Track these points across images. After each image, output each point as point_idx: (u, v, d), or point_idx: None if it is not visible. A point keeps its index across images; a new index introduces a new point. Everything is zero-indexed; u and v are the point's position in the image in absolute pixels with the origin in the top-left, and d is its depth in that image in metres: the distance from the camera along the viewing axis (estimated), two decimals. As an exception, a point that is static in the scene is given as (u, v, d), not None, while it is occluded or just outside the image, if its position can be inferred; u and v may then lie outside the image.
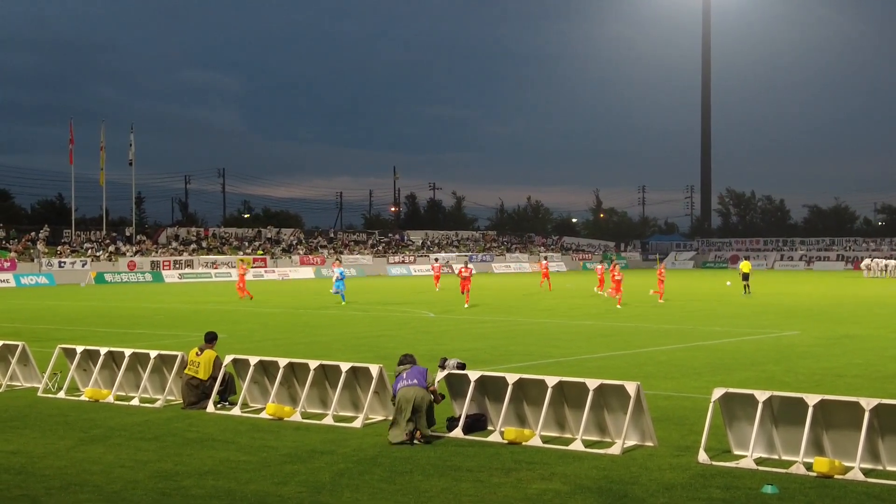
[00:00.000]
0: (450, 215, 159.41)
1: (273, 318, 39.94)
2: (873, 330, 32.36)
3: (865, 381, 20.50)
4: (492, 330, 33.06)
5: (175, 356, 17.96)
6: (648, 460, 13.03)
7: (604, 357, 25.11)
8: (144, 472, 12.48)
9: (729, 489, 11.54)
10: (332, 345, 28.27)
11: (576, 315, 39.81)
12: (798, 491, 11.42)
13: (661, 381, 20.43)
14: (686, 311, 41.97)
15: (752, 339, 29.60)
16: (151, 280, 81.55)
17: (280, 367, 16.76)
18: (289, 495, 11.36)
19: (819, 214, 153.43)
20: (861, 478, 11.92)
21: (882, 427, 12.37)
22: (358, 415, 15.84)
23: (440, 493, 11.41)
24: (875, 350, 26.32)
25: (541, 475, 12.26)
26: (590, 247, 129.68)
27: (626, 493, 11.38)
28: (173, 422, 16.07)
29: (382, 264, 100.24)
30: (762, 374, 21.50)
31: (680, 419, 15.87)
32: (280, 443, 14.32)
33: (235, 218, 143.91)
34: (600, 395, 14.05)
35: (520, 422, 14.79)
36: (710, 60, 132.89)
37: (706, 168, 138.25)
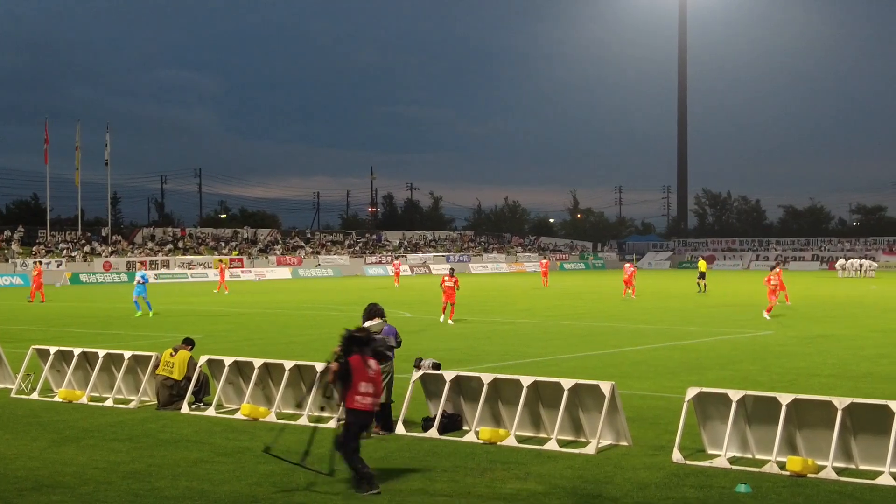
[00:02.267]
0: (427, 215, 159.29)
1: (249, 318, 39.83)
2: (847, 329, 32.53)
3: (839, 380, 20.61)
4: (468, 330, 33.05)
5: (149, 357, 17.87)
6: (623, 460, 13.05)
7: (579, 357, 25.14)
8: (118, 474, 12.42)
9: (703, 488, 11.58)
10: (309, 345, 28.19)
11: (552, 315, 39.86)
12: (771, 490, 11.48)
13: (636, 380, 20.48)
14: (662, 311, 42.09)
15: (727, 339, 29.71)
16: (127, 280, 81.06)
17: (255, 368, 16.71)
18: (263, 496, 11.33)
19: (794, 215, 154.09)
20: (834, 476, 11.98)
21: (855, 426, 12.43)
22: (332, 415, 15.80)
23: (415, 493, 11.40)
24: (849, 349, 26.45)
25: (516, 475, 12.27)
26: (567, 247, 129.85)
27: (600, 493, 11.40)
28: (147, 422, 16.00)
29: (359, 264, 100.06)
30: (737, 374, 21.58)
31: (654, 419, 15.91)
32: (255, 443, 14.26)
33: (212, 218, 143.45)
34: (575, 395, 14.06)
35: (495, 422, 14.79)
36: (686, 62, 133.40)
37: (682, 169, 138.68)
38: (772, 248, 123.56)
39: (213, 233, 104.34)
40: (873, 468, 12.20)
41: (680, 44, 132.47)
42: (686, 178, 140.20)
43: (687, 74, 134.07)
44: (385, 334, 14.76)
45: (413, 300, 51.96)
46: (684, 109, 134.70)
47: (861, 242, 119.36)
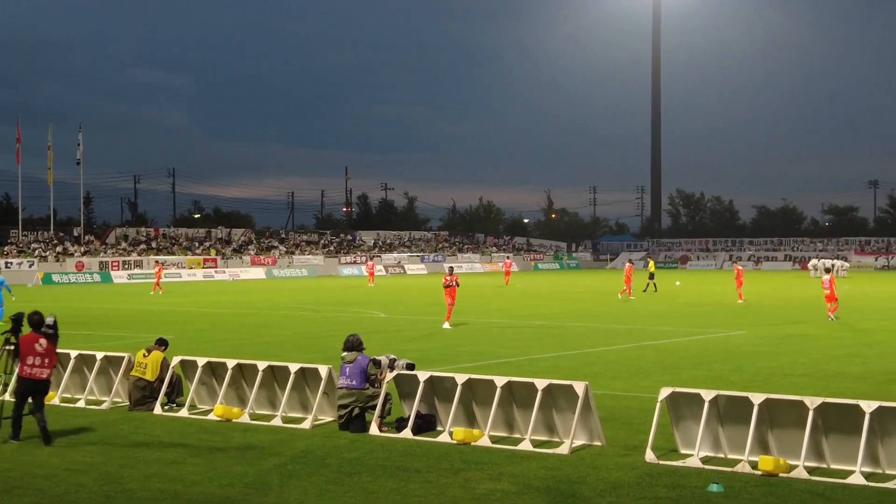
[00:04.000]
0: (402, 215, 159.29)
1: (223, 318, 39.70)
2: (819, 329, 32.71)
3: (811, 379, 20.72)
4: (442, 330, 33.03)
5: (122, 357, 17.78)
6: (596, 460, 13.08)
7: (553, 357, 25.18)
8: (90, 475, 12.34)
9: (675, 488, 11.61)
10: (283, 345, 28.14)
11: (527, 315, 39.91)
12: (743, 489, 11.52)
13: (609, 380, 20.53)
14: (635, 311, 42.21)
15: (700, 339, 29.83)
16: (100, 281, 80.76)
17: (228, 369, 16.64)
18: (236, 497, 11.29)
19: (767, 215, 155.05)
20: (805, 476, 12.04)
21: (826, 426, 12.50)
22: (307, 416, 15.78)
23: (388, 493, 11.39)
24: (821, 349, 26.60)
25: (489, 475, 12.27)
26: (541, 247, 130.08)
27: (573, 493, 11.42)
28: (119, 424, 15.91)
29: (334, 265, 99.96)
30: (709, 374, 21.67)
31: (628, 419, 15.95)
32: (228, 444, 14.22)
33: (186, 218, 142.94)
34: (549, 396, 14.08)
35: (469, 422, 14.80)
36: (660, 62, 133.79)
37: (656, 169, 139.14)
38: (745, 248, 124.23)
39: (186, 233, 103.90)
40: (844, 467, 12.26)
41: (654, 44, 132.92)
42: (660, 178, 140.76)
43: (661, 74, 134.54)
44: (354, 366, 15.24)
45: (387, 300, 51.93)
46: (658, 109, 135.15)
47: (833, 242, 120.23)
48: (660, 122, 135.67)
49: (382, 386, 15.31)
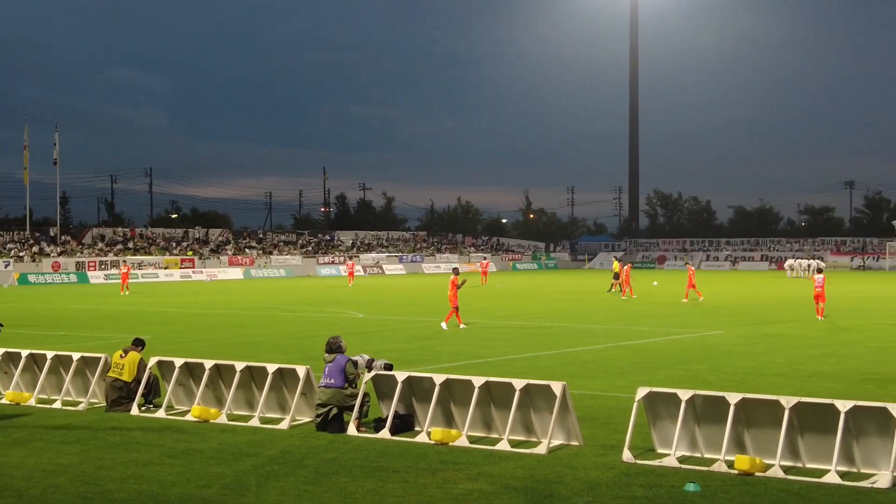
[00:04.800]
0: (380, 215, 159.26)
1: (201, 318, 39.59)
2: (795, 329, 32.89)
3: (787, 379, 20.84)
4: (421, 330, 33.05)
5: (98, 358, 17.71)
6: (574, 459, 13.11)
7: (531, 357, 25.23)
8: (66, 476, 12.29)
9: (652, 487, 11.66)
10: (260, 346, 28.09)
11: (504, 315, 39.97)
12: (720, 489, 11.58)
13: (587, 380, 20.58)
14: (613, 311, 42.31)
15: (677, 339, 29.94)
16: (76, 281, 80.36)
17: (206, 369, 16.61)
18: (213, 498, 11.27)
19: (744, 215, 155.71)
20: (781, 475, 12.11)
21: (801, 425, 12.58)
22: (284, 416, 15.76)
23: (366, 494, 11.39)
24: (796, 349, 26.75)
25: (467, 475, 12.29)
26: (519, 247, 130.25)
27: (551, 493, 11.45)
28: (96, 425, 15.85)
29: (312, 265, 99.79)
30: (686, 373, 21.76)
31: (605, 418, 16.00)
32: (205, 445, 14.19)
33: (163, 218, 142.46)
34: (527, 396, 14.11)
35: (447, 422, 14.81)
36: (637, 62, 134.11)
37: (634, 169, 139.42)
38: (722, 248, 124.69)
39: (163, 233, 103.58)
40: (820, 466, 12.34)
41: (631, 44, 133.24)
42: (637, 178, 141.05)
43: (638, 75, 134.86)
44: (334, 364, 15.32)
45: (366, 300, 51.90)
46: (636, 110, 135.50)
47: (809, 243, 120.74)
48: (637, 123, 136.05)
49: (360, 386, 15.36)
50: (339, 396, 15.13)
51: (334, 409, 15.09)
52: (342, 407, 15.14)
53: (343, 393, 15.17)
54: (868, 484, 11.72)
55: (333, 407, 15.10)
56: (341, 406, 15.13)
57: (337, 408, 15.11)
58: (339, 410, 15.12)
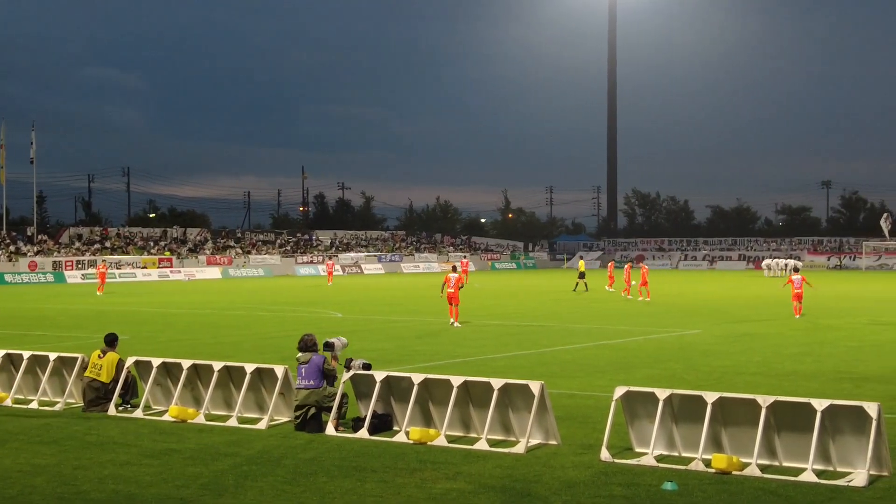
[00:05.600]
0: (359, 215, 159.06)
1: (178, 318, 39.47)
2: (772, 328, 33.05)
3: (763, 378, 20.93)
4: (399, 330, 33.06)
5: (75, 358, 17.62)
6: (552, 459, 13.14)
7: (510, 356, 25.25)
8: (43, 477, 12.24)
9: (630, 486, 11.69)
10: (238, 345, 28.03)
11: (483, 315, 39.99)
12: (697, 487, 11.62)
13: (565, 379, 20.63)
14: (591, 310, 42.41)
15: (655, 338, 30.04)
16: (53, 280, 79.93)
17: (184, 369, 16.55)
18: (190, 498, 11.23)
19: (721, 215, 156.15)
20: (758, 473, 12.16)
21: (778, 423, 12.64)
22: (263, 416, 15.73)
23: (345, 493, 11.38)
24: (773, 347, 26.88)
25: (445, 475, 12.30)
26: (498, 247, 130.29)
27: (529, 492, 11.46)
28: (73, 425, 15.78)
29: (291, 264, 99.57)
30: (664, 372, 21.83)
31: (583, 417, 16.03)
32: (183, 445, 14.15)
33: (140, 217, 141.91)
34: (505, 395, 14.12)
35: (425, 422, 14.81)
36: (615, 62, 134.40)
37: (612, 169, 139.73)
38: (700, 247, 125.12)
39: (141, 232, 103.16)
40: (796, 465, 12.41)
41: (610, 44, 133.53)
42: (616, 178, 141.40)
43: (616, 75, 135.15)
44: (310, 366, 15.29)
45: (345, 300, 51.86)
46: (614, 110, 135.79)
47: (786, 242, 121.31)
48: (615, 123, 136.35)
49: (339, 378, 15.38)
50: (317, 396, 15.12)
51: (312, 409, 15.08)
52: (320, 407, 15.13)
53: (321, 393, 15.16)
54: (844, 482, 11.79)
55: (311, 407, 15.09)
56: (319, 406, 15.12)
57: (315, 408, 15.10)
58: (318, 410, 15.12)
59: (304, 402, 15.08)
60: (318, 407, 15.10)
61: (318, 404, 15.09)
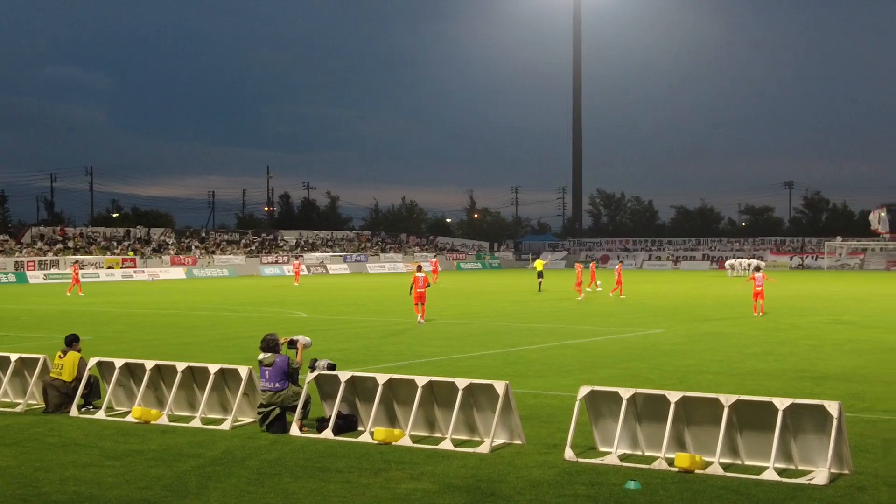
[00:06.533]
0: (324, 215, 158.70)
1: (142, 318, 39.21)
2: (734, 328, 33.25)
3: (726, 377, 21.06)
4: (364, 330, 33.01)
5: (37, 359, 17.47)
6: (516, 458, 13.15)
7: (475, 356, 25.27)
8: (4, 479, 12.13)
9: (594, 485, 11.72)
10: (203, 346, 27.89)
11: (448, 314, 40.00)
12: (660, 486, 11.67)
13: (530, 379, 20.66)
14: (557, 310, 42.52)
15: (619, 338, 30.15)
16: (15, 281, 79.24)
17: (147, 370, 16.46)
18: (153, 500, 11.16)
19: (686, 215, 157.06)
20: (720, 472, 12.23)
21: (740, 422, 12.71)
22: (226, 417, 15.66)
23: (309, 494, 11.35)
24: (736, 347, 27.05)
25: (410, 475, 12.29)
26: (463, 247, 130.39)
27: (493, 492, 11.47)
28: (34, 426, 15.64)
29: (255, 264, 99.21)
30: (627, 372, 21.91)
31: (548, 417, 16.06)
32: (146, 446, 14.06)
33: (104, 217, 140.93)
34: (469, 395, 14.13)
35: (390, 422, 14.80)
36: (580, 64, 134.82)
37: (577, 169, 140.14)
38: (664, 247, 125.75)
39: (104, 232, 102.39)
40: (758, 464, 12.49)
41: (575, 46, 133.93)
42: (581, 178, 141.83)
43: (581, 76, 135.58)
44: (274, 368, 15.23)
45: (310, 300, 51.74)
46: (579, 111, 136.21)
47: (749, 242, 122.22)
48: (581, 124, 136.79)
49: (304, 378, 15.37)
50: (281, 397, 15.07)
51: (277, 410, 15.04)
52: (285, 407, 15.09)
53: (285, 394, 15.11)
54: (805, 481, 11.88)
55: (276, 407, 15.04)
56: (284, 406, 15.08)
57: (279, 408, 15.06)
58: (282, 411, 15.07)
59: (268, 402, 15.04)
60: (282, 407, 15.07)
61: (282, 404, 15.06)
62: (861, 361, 23.74)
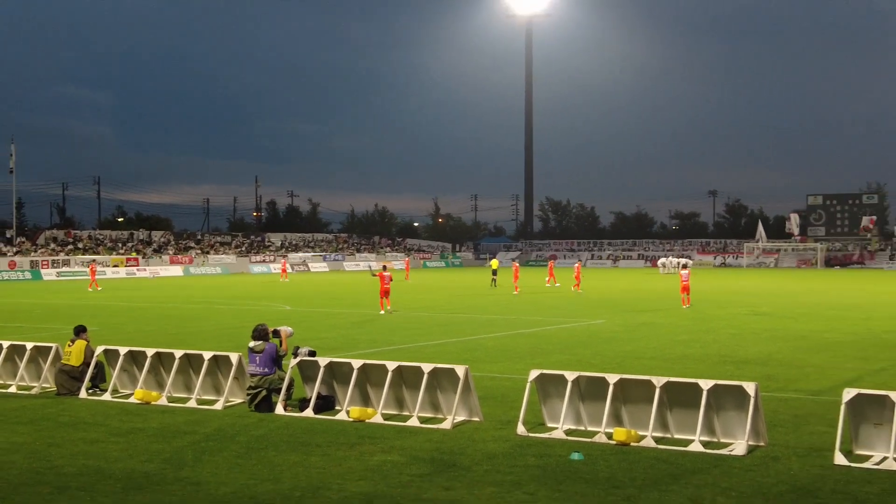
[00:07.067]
0: (306, 219, 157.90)
1: (144, 311, 38.89)
2: (666, 318, 33.42)
3: (658, 362, 21.17)
4: (341, 321, 32.91)
5: (50, 347, 17.32)
6: (474, 433, 13.17)
7: (439, 344, 25.25)
8: (20, 454, 12.01)
9: (542, 457, 11.76)
10: (198, 335, 27.70)
11: (416, 307, 39.96)
12: (600, 457, 11.73)
13: (487, 364, 20.67)
14: (511, 303, 42.55)
15: (566, 327, 30.23)
16: (31, 278, 78.34)
17: (148, 356, 16.35)
18: (154, 471, 11.10)
19: (623, 219, 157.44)
20: (653, 444, 12.31)
21: (670, 401, 12.80)
22: (219, 398, 15.58)
23: (292, 466, 11.32)
24: (667, 335, 27.19)
25: (381, 448, 12.28)
26: (429, 247, 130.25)
27: (454, 463, 11.48)
28: (47, 407, 15.50)
29: (245, 263, 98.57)
30: (573, 357, 21.96)
31: (503, 397, 16.08)
32: (147, 424, 13.97)
33: (110, 221, 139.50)
34: (434, 378, 14.13)
35: (364, 402, 14.77)
36: (532, 87, 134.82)
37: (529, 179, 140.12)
38: (604, 248, 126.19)
39: (110, 234, 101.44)
40: (686, 437, 12.57)
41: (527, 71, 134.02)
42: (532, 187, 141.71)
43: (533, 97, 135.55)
44: (264, 355, 15.13)
45: (294, 295, 51.51)
46: (530, 127, 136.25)
47: (679, 243, 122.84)
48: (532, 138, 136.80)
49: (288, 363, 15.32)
50: (269, 381, 15.02)
51: (263, 392, 14.98)
52: (271, 389, 15.03)
53: (272, 377, 15.05)
54: (727, 452, 11.98)
55: (263, 389, 14.98)
56: (270, 388, 15.03)
57: (266, 390, 15.00)
58: (268, 392, 15.02)
59: (257, 384, 14.99)
60: (268, 390, 15.02)
61: (268, 387, 15.00)
62: (775, 347, 23.94)
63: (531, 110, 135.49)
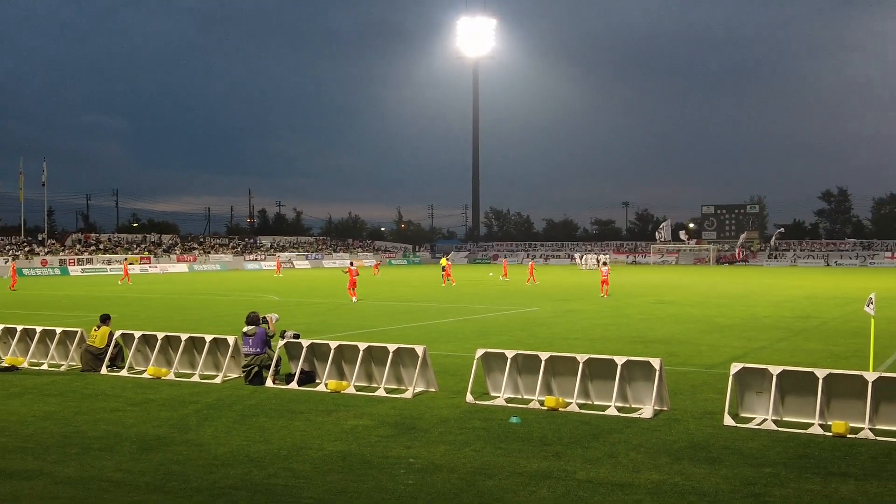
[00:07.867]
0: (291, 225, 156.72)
1: (154, 301, 38.39)
2: (587, 306, 33.63)
3: (582, 342, 21.29)
4: (320, 309, 32.72)
5: (76, 332, 17.06)
6: (431, 401, 13.17)
7: (402, 328, 25.22)
8: (51, 420, 11.83)
9: (487, 420, 11.80)
10: (200, 321, 27.40)
11: (383, 297, 39.85)
12: (534, 420, 11.79)
13: (442, 344, 20.68)
14: (461, 294, 42.59)
15: (506, 314, 30.30)
16: (59, 273, 77.01)
17: (158, 339, 16.15)
18: (163, 434, 10.98)
19: (553, 226, 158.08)
20: (577, 410, 12.39)
21: (591, 374, 12.89)
22: (218, 374, 15.43)
23: (279, 429, 11.25)
24: (589, 319, 27.37)
25: (354, 414, 12.24)
26: (394, 248, 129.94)
27: (414, 426, 11.48)
28: (74, 382, 15.26)
29: (240, 261, 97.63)
30: (512, 338, 22.03)
31: (455, 371, 16.09)
32: (158, 395, 13.80)
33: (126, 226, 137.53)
34: (398, 356, 14.11)
35: (339, 376, 14.72)
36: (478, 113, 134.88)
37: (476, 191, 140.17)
38: (538, 249, 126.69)
39: (127, 238, 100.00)
40: (604, 403, 12.67)
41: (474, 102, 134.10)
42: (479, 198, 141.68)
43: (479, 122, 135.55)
44: (256, 337, 14.98)
45: (280, 287, 51.13)
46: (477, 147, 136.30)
47: (598, 245, 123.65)
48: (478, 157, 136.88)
49: (275, 346, 15.22)
50: (260, 359, 14.92)
51: (256, 368, 14.87)
52: (262, 366, 14.92)
53: (263, 356, 14.96)
54: (637, 415, 12.09)
55: (255, 366, 14.87)
56: (261, 365, 14.91)
57: (258, 367, 14.89)
58: (260, 369, 14.90)
59: (250, 362, 14.87)
60: (260, 366, 14.90)
61: (260, 364, 14.89)
62: (677, 330, 24.19)
63: (478, 134, 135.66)
